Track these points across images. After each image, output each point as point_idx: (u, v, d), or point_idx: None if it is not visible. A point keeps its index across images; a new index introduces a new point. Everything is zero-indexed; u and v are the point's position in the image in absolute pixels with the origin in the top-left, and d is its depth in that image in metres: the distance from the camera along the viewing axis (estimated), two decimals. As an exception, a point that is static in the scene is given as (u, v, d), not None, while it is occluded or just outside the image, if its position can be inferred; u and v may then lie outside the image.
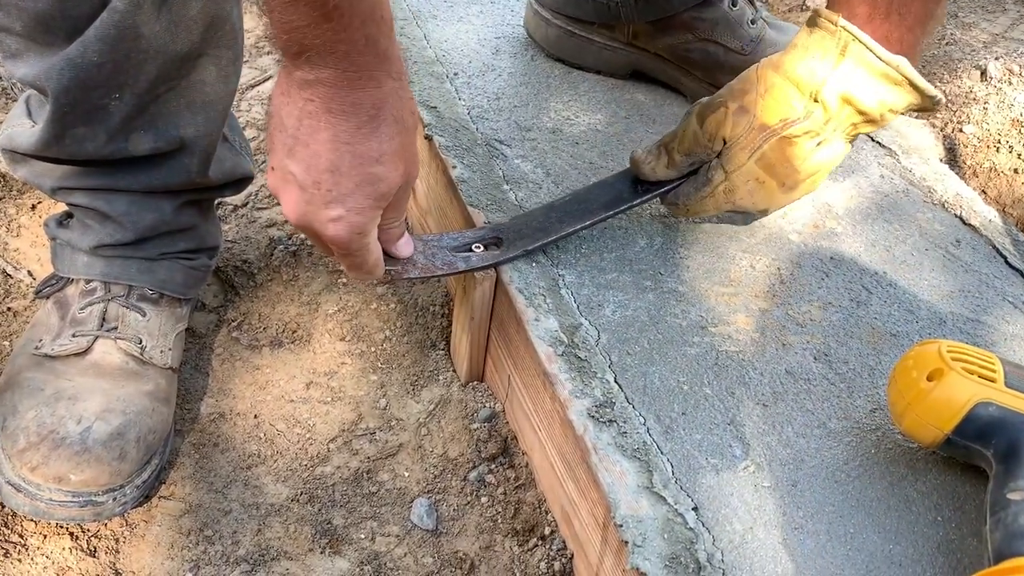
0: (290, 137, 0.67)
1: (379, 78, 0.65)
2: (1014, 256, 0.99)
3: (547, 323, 0.82)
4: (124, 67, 0.75)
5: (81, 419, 0.78)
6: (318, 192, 0.68)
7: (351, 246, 0.72)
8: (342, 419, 0.93)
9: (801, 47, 0.82)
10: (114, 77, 0.75)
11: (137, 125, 0.80)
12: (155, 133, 0.81)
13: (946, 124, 1.37)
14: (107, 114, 0.78)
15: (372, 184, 0.68)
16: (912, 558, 0.68)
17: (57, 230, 0.89)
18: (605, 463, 0.71)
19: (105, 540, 0.80)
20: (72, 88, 0.75)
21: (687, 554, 0.65)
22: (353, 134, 0.65)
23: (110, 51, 0.73)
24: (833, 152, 0.85)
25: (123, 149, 0.81)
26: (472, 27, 1.26)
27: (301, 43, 0.62)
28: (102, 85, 0.76)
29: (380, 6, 0.63)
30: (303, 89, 0.64)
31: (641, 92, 1.19)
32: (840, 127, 0.83)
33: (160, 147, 0.82)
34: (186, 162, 0.84)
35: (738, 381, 0.80)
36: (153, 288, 0.88)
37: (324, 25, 0.60)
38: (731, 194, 0.86)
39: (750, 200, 0.86)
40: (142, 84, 0.77)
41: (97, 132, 0.79)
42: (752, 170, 0.84)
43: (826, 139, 0.83)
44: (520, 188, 0.97)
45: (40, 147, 0.80)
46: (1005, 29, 1.57)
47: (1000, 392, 0.69)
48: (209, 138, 0.84)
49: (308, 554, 0.82)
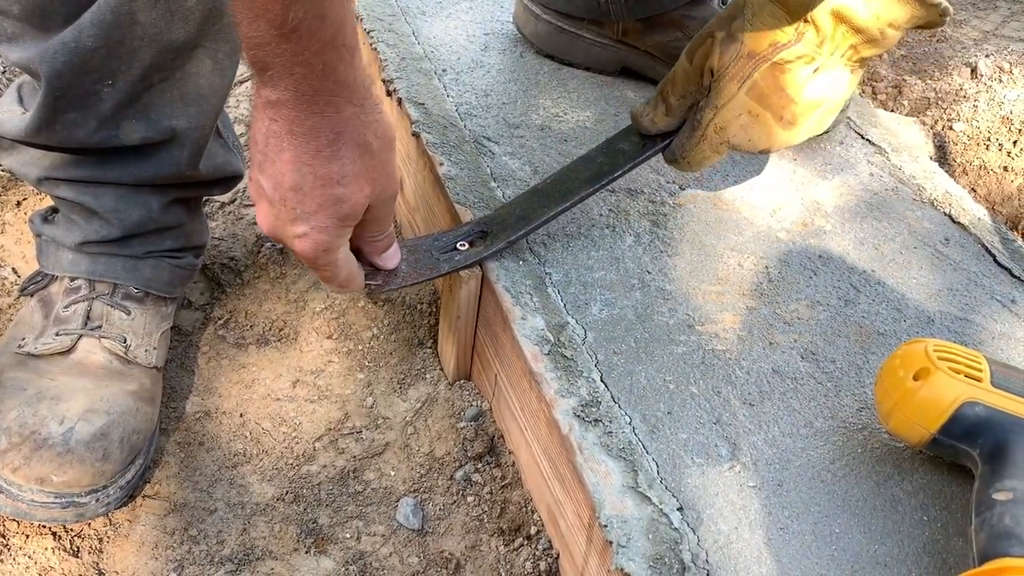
0: (260, 153, 0.67)
1: (337, 104, 0.64)
2: (1003, 254, 0.98)
3: (533, 322, 0.82)
4: (118, 53, 0.75)
5: (64, 419, 0.78)
6: (284, 208, 0.68)
7: (318, 262, 0.72)
8: (328, 418, 0.93)
9: None
10: (107, 63, 0.75)
11: (129, 114, 0.79)
12: (147, 123, 0.80)
13: (936, 122, 1.37)
14: (99, 100, 0.77)
15: (335, 205, 0.68)
16: (898, 559, 0.68)
17: (42, 226, 0.88)
18: (590, 463, 0.71)
19: (88, 540, 0.80)
20: (65, 72, 0.75)
21: (672, 554, 0.65)
22: (314, 156, 0.66)
23: (105, 36, 0.73)
24: (834, 81, 0.80)
25: (114, 137, 0.80)
26: (461, 23, 1.25)
27: (264, 60, 0.61)
28: (95, 70, 0.75)
29: (343, 32, 0.62)
30: (267, 108, 0.64)
31: (630, 89, 1.18)
32: (839, 50, 0.78)
33: (151, 137, 0.81)
34: (176, 154, 0.84)
35: (725, 380, 0.80)
36: (138, 287, 0.87)
37: (283, 45, 0.60)
38: (723, 131, 0.82)
39: (745, 137, 0.82)
40: (135, 72, 0.77)
41: (88, 118, 0.78)
42: (743, 102, 0.80)
43: (823, 64, 0.78)
44: (508, 185, 0.97)
45: (30, 132, 0.80)
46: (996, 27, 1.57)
47: (986, 392, 0.69)
48: (201, 131, 0.84)
49: (293, 554, 0.82)
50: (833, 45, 0.78)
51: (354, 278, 0.77)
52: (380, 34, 1.17)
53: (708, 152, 0.84)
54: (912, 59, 1.49)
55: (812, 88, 0.79)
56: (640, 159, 0.88)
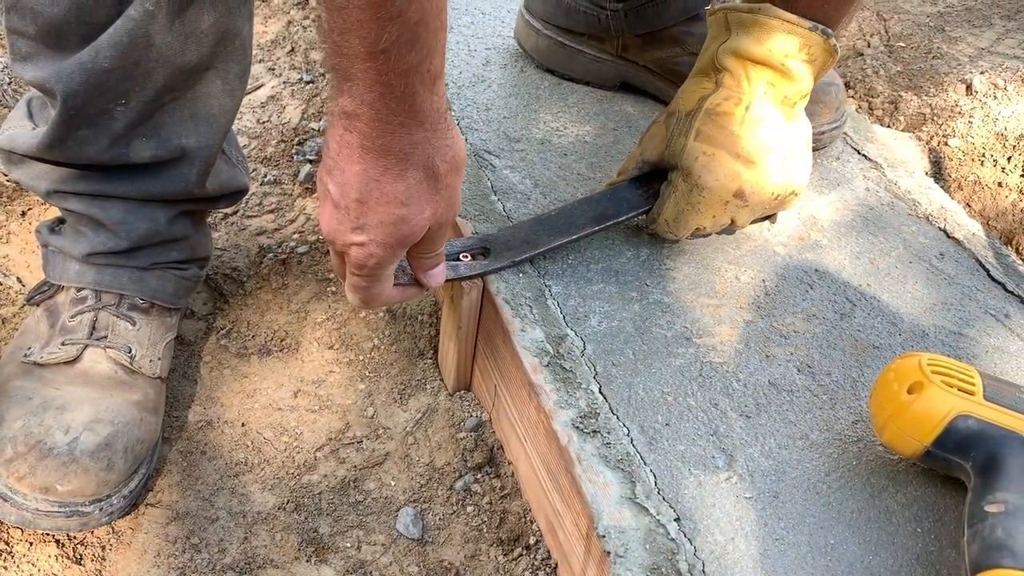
0: (331, 158, 0.68)
1: (409, 126, 0.66)
2: (997, 269, 1.00)
3: (533, 333, 0.83)
4: (133, 74, 0.76)
5: (69, 429, 0.79)
6: (348, 216, 0.69)
7: (368, 274, 0.74)
8: (329, 428, 0.94)
9: (703, 47, 0.93)
10: (123, 83, 0.76)
11: (140, 132, 0.81)
12: (157, 141, 0.82)
13: (931, 137, 1.38)
14: (111, 119, 0.79)
15: (395, 224, 0.69)
16: (891, 570, 0.69)
17: (49, 236, 0.89)
18: (589, 474, 0.72)
19: (91, 548, 0.80)
20: (81, 92, 0.76)
21: (668, 564, 0.66)
22: (382, 173, 0.67)
23: (121, 58, 0.74)
24: (772, 120, 0.88)
25: (124, 155, 0.81)
26: (463, 37, 1.27)
27: (347, 71, 0.62)
28: (110, 90, 0.77)
29: (430, 59, 0.63)
30: (343, 118, 0.65)
31: (630, 104, 1.20)
32: (759, 87, 0.88)
33: (160, 155, 0.83)
34: (185, 172, 0.85)
35: (722, 392, 0.81)
36: (144, 298, 0.88)
37: (369, 63, 0.61)
38: (688, 177, 0.88)
39: (711, 177, 0.87)
40: (149, 92, 0.78)
41: (100, 136, 0.80)
42: (695, 147, 0.88)
43: (751, 102, 0.88)
44: (508, 199, 0.98)
45: (42, 149, 0.81)
46: (991, 43, 1.58)
47: (979, 405, 0.70)
48: (210, 150, 0.85)
49: (294, 562, 0.82)
50: (751, 84, 0.88)
51: (381, 298, 0.78)
52: (382, 48, 1.18)
53: (683, 204, 0.89)
54: (908, 75, 1.51)
55: (750, 123, 0.87)
56: (644, 209, 0.92)
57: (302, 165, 1.26)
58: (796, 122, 0.91)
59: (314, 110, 1.36)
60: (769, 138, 0.88)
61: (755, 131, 0.87)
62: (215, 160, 0.87)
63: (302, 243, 1.14)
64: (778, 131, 0.89)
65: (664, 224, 0.91)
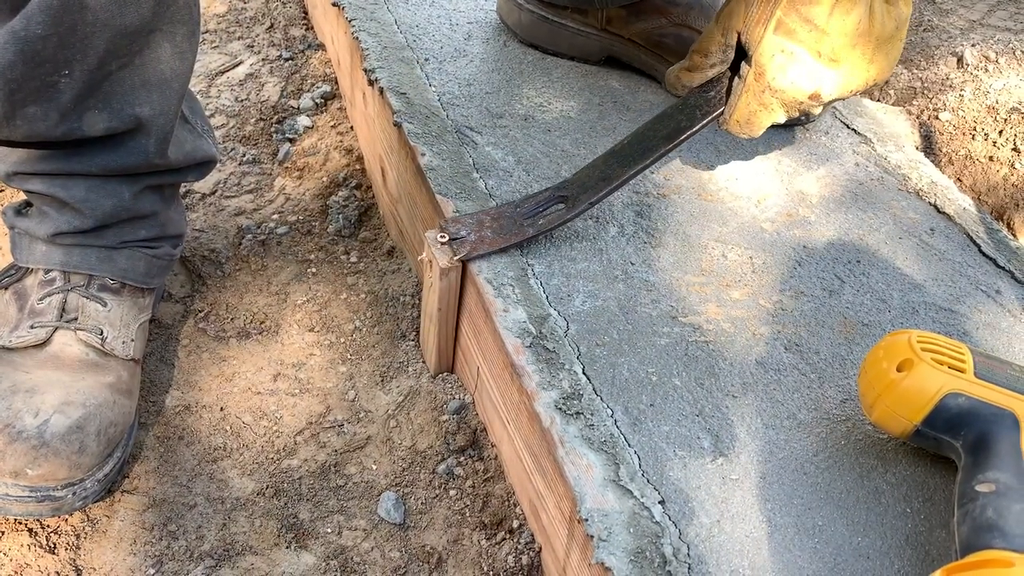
0: None
1: None
2: (988, 244, 0.98)
3: (515, 314, 0.81)
4: (70, 41, 0.73)
5: (39, 412, 0.76)
6: None
7: None
8: (310, 411, 0.92)
9: None
10: (60, 51, 0.73)
11: (90, 104, 0.78)
12: (109, 112, 0.79)
13: (922, 111, 1.36)
14: (57, 92, 0.76)
15: None
16: (880, 551, 0.68)
17: (15, 219, 0.87)
18: (571, 456, 0.70)
19: (65, 536, 0.79)
20: (17, 63, 0.73)
21: (653, 548, 0.65)
22: None
23: (53, 23, 0.71)
24: (867, 9, 0.79)
25: (77, 129, 0.79)
26: (444, 12, 1.24)
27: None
28: (49, 60, 0.73)
29: None
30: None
31: (615, 78, 1.17)
32: None
33: (115, 127, 0.80)
34: (143, 143, 0.82)
35: (708, 372, 0.79)
36: (114, 277, 0.86)
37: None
38: (762, 76, 0.82)
39: (786, 79, 0.81)
40: (91, 60, 0.75)
41: (49, 112, 0.77)
42: (773, 41, 0.80)
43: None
44: (490, 176, 0.96)
45: None
46: (982, 16, 1.56)
47: (969, 383, 0.69)
48: (166, 117, 0.82)
49: (274, 548, 0.81)
50: None
51: None
52: (362, 23, 1.16)
53: (754, 105, 0.83)
54: (898, 48, 1.49)
55: (840, 13, 0.78)
56: (717, 114, 0.88)
57: (281, 144, 1.24)
58: (893, 3, 0.81)
59: (293, 88, 1.33)
60: (859, 31, 0.79)
61: (844, 23, 0.78)
62: (172, 128, 0.84)
63: (281, 223, 1.12)
64: (870, 19, 0.79)
65: (736, 125, 0.86)
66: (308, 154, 1.22)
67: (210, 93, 1.31)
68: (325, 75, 1.35)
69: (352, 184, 1.17)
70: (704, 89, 0.90)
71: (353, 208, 1.14)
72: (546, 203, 0.88)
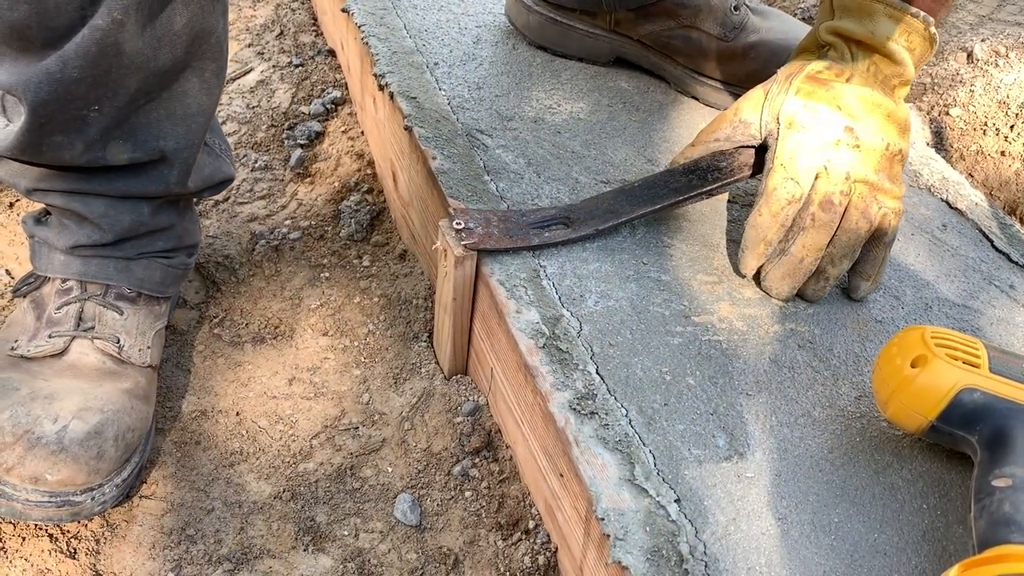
0: None
1: None
2: (1001, 239, 0.98)
3: (528, 315, 0.81)
4: (104, 81, 0.74)
5: (57, 418, 0.77)
6: None
7: None
8: (325, 415, 0.92)
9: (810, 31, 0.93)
10: (93, 91, 0.74)
11: (116, 135, 0.79)
12: (134, 143, 0.80)
13: (932, 107, 1.36)
14: (85, 124, 0.77)
15: None
16: (897, 547, 0.68)
17: (35, 228, 0.88)
18: (587, 456, 0.70)
19: (85, 541, 0.79)
20: (50, 101, 0.74)
21: (669, 546, 0.65)
22: None
23: (90, 67, 0.72)
24: (877, 94, 0.86)
25: (101, 158, 0.80)
26: (452, 15, 1.24)
27: None
28: (80, 98, 0.74)
29: None
30: None
31: (624, 79, 1.17)
32: (861, 64, 0.87)
33: (139, 157, 0.81)
34: (165, 173, 0.84)
35: (721, 371, 0.79)
36: (131, 287, 0.87)
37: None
38: (792, 125, 0.86)
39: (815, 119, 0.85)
40: (122, 97, 0.76)
41: (74, 141, 0.78)
42: (795, 101, 0.86)
43: (854, 75, 0.86)
44: (501, 178, 0.96)
45: (15, 151, 0.79)
46: (992, 10, 1.56)
47: (984, 378, 0.69)
48: (190, 150, 0.84)
49: (291, 552, 0.81)
50: (855, 60, 0.87)
51: None
52: (371, 28, 1.17)
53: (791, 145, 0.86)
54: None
55: (852, 89, 0.85)
56: (731, 180, 0.90)
57: (293, 150, 1.25)
58: (895, 101, 0.88)
59: (304, 94, 1.34)
60: (871, 102, 0.86)
61: (857, 95, 0.85)
62: (195, 159, 0.86)
63: (294, 229, 1.13)
64: (881, 99, 0.86)
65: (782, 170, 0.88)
66: (320, 159, 1.23)
67: (222, 101, 1.32)
68: (335, 81, 1.36)
69: (363, 189, 1.18)
70: (716, 159, 0.92)
71: (365, 212, 1.14)
72: (551, 220, 0.89)
